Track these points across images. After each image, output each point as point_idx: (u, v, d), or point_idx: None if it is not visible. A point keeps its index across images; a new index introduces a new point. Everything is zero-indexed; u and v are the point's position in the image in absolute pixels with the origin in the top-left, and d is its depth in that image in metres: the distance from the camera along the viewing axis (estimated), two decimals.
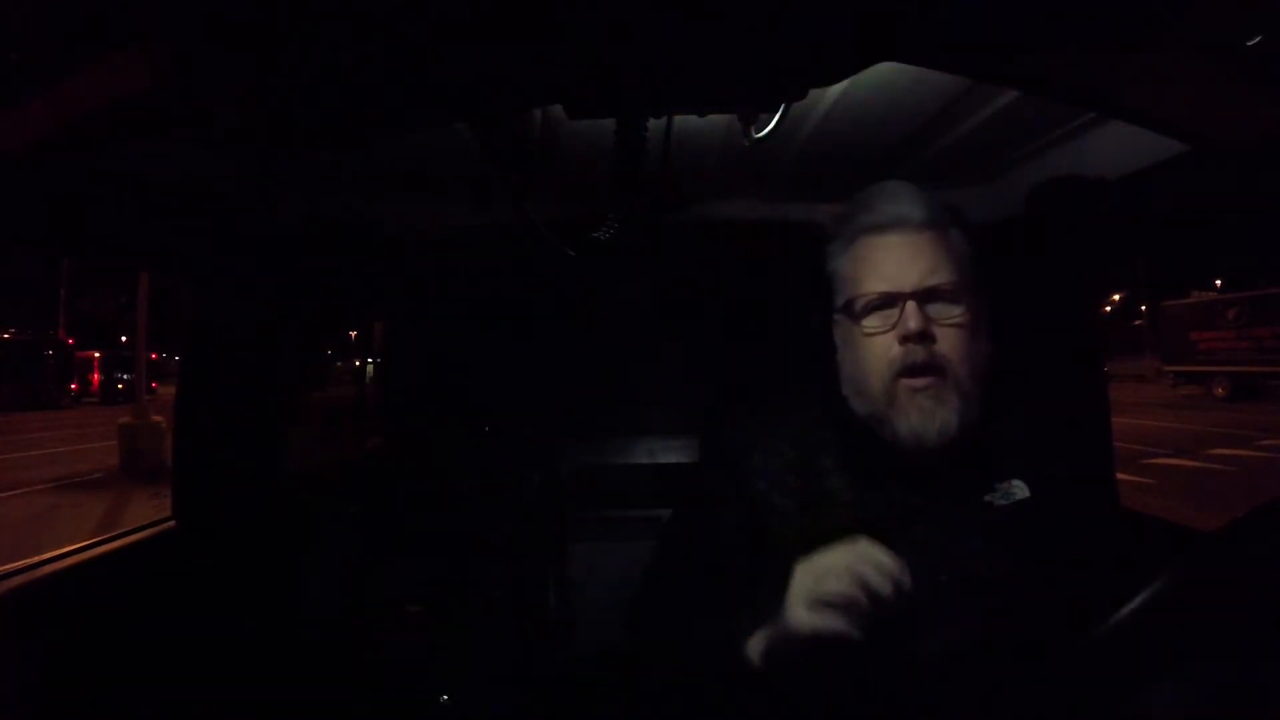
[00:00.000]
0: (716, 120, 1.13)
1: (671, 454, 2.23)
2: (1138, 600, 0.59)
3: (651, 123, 0.92)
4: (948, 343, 0.83)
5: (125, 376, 18.75)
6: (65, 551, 1.19)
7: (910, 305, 0.82)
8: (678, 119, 1.08)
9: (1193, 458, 8.43)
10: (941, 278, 0.84)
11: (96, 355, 21.43)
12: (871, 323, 0.85)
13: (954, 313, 0.83)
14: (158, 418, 9.20)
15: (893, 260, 0.85)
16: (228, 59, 0.68)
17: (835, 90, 1.06)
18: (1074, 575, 0.82)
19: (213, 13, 0.62)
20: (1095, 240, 1.36)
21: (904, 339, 0.82)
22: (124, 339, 22.12)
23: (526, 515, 2.02)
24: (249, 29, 0.64)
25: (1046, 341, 1.50)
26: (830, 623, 0.81)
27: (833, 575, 0.81)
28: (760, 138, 1.04)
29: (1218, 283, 21.00)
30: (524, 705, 1.71)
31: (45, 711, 1.01)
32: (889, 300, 0.84)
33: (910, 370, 0.82)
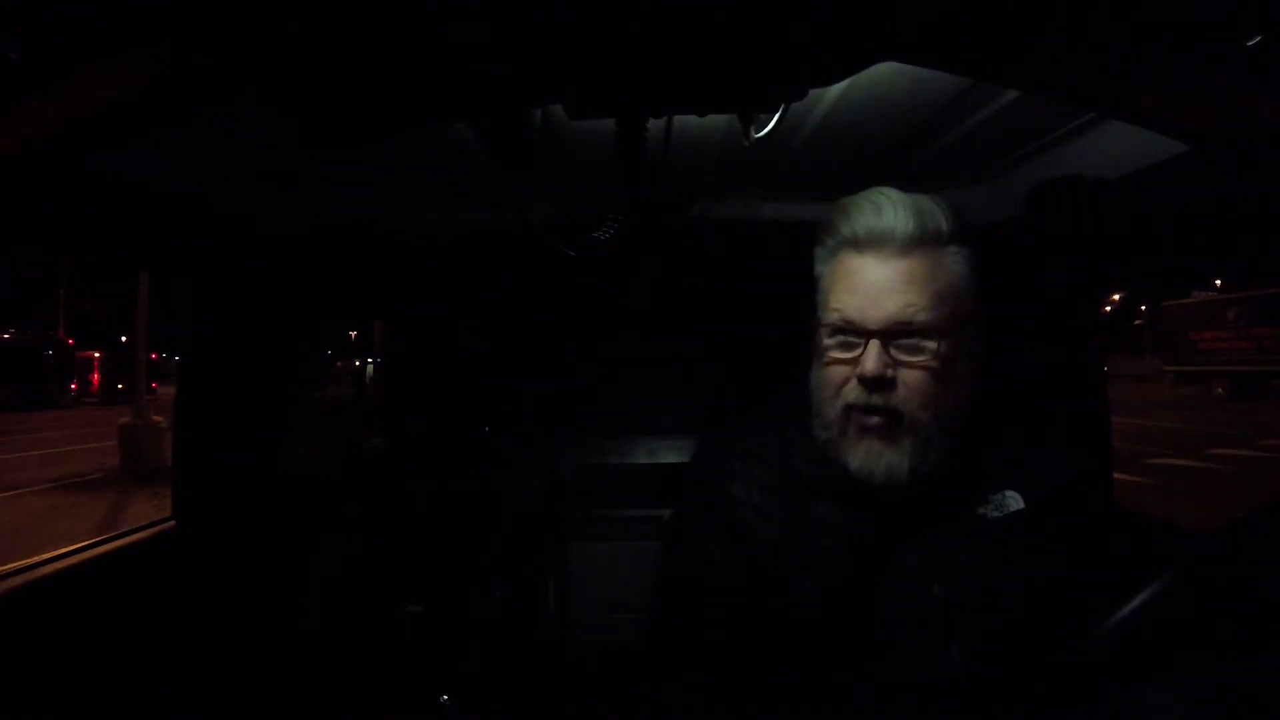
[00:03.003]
0: (716, 120, 1.12)
1: (671, 454, 2.24)
2: (1137, 600, 0.59)
3: (651, 123, 0.92)
4: (911, 385, 0.76)
5: (126, 377, 18.70)
6: (65, 551, 1.19)
7: (873, 345, 0.76)
8: (678, 119, 1.08)
9: (1193, 458, 8.43)
10: (918, 314, 0.75)
11: (96, 355, 21.40)
12: (834, 350, 0.80)
13: (927, 351, 0.76)
14: (158, 418, 9.20)
15: (863, 288, 0.77)
16: (228, 59, 0.68)
17: (835, 90, 1.06)
18: (1072, 578, 0.81)
19: (213, 13, 0.63)
20: (1095, 240, 1.36)
21: (859, 379, 0.77)
22: (124, 339, 22.12)
23: (526, 515, 2.02)
24: (249, 29, 0.64)
25: (1046, 342, 1.50)
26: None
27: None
28: (760, 138, 1.04)
29: (1218, 283, 21.00)
30: (524, 705, 1.71)
31: (45, 711, 1.01)
32: (853, 331, 0.78)
33: (863, 409, 0.78)
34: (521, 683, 1.76)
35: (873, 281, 0.77)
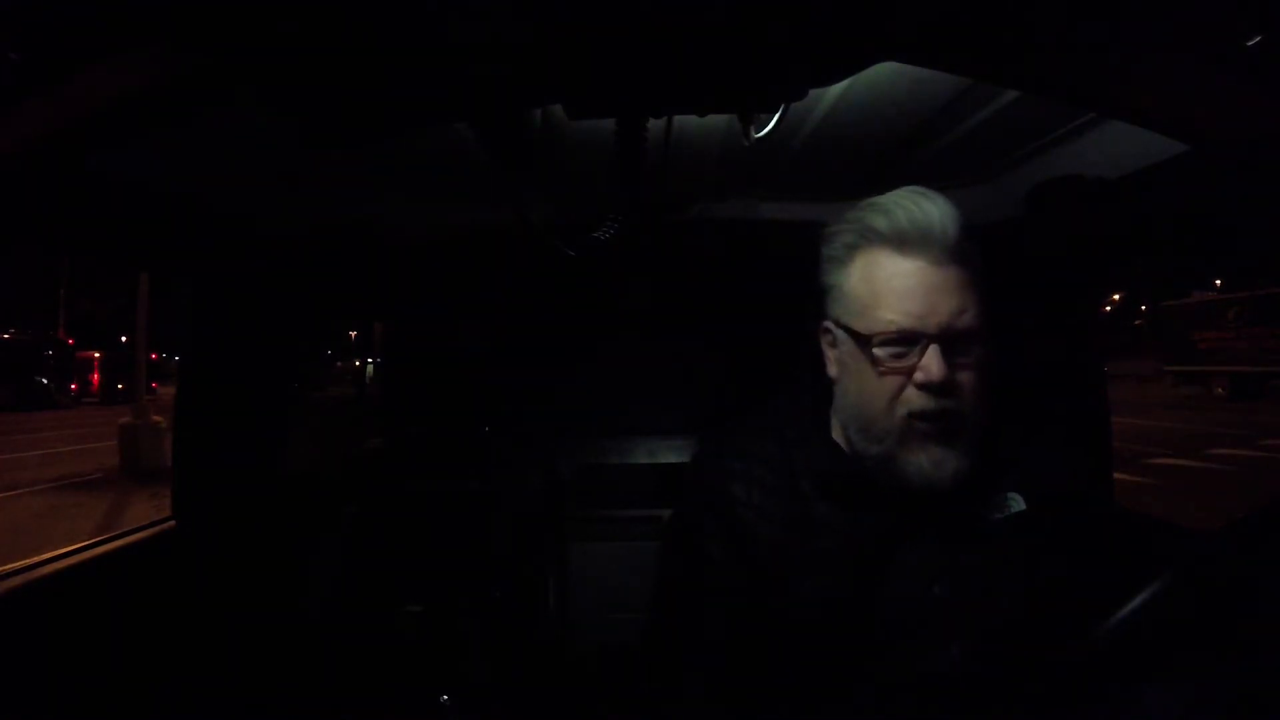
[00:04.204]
0: (716, 120, 1.12)
1: (671, 454, 2.24)
2: (1137, 600, 0.59)
3: (651, 123, 0.92)
4: (966, 385, 0.76)
5: (126, 377, 18.67)
6: (65, 551, 1.19)
7: (934, 350, 0.74)
8: (678, 119, 1.08)
9: (1194, 458, 8.42)
10: (968, 316, 0.75)
11: (96, 355, 21.39)
12: (886, 360, 0.77)
13: (975, 351, 0.76)
14: (158, 418, 9.20)
15: (917, 291, 0.75)
16: (228, 59, 0.68)
17: (835, 90, 1.06)
18: (1072, 578, 0.81)
19: (213, 13, 0.63)
20: (1095, 240, 1.36)
21: (923, 386, 0.75)
22: (124, 339, 22.12)
23: (526, 515, 2.02)
24: (250, 29, 0.64)
25: (1046, 342, 1.50)
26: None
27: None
28: (760, 138, 1.04)
29: (1218, 283, 21.00)
30: (524, 705, 1.71)
31: (45, 711, 1.01)
32: (908, 338, 0.76)
33: (926, 416, 0.76)
34: (521, 683, 1.76)
35: (926, 285, 0.76)
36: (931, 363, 0.75)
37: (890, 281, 0.77)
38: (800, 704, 0.83)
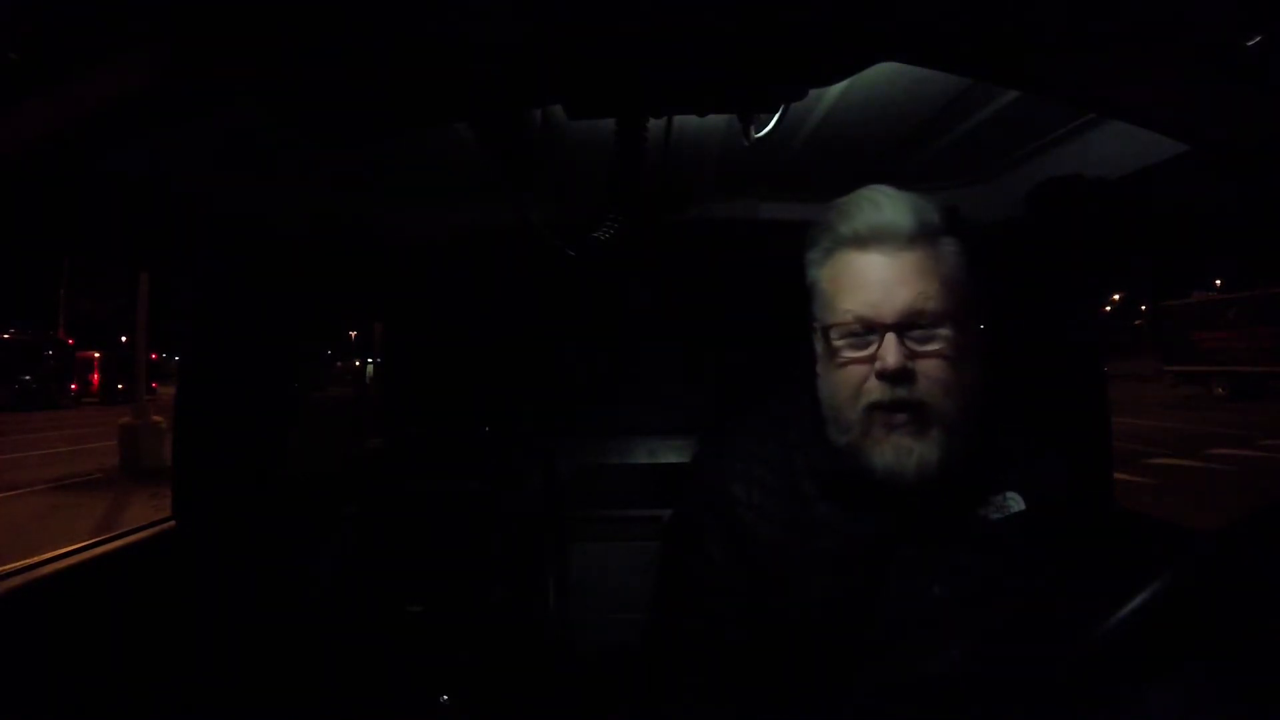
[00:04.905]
0: (716, 120, 1.13)
1: (671, 454, 2.24)
2: (1137, 601, 0.59)
3: (651, 123, 0.92)
4: (931, 375, 0.77)
5: (126, 377, 18.67)
6: (65, 551, 1.19)
7: (889, 338, 0.76)
8: (678, 119, 1.08)
9: (1194, 458, 8.42)
10: (929, 304, 0.77)
11: (96, 355, 21.41)
12: (846, 350, 0.79)
13: (941, 340, 0.77)
14: (158, 418, 9.21)
15: (874, 283, 0.78)
16: (228, 59, 0.68)
17: (835, 90, 1.06)
18: (1073, 578, 0.81)
19: (214, 12, 0.63)
20: (1095, 240, 1.36)
21: (880, 374, 0.77)
22: (124, 339, 22.10)
23: (526, 515, 2.02)
24: (250, 29, 0.64)
25: (1046, 342, 1.50)
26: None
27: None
28: (760, 138, 1.04)
29: (1218, 283, 21.01)
30: (524, 705, 1.71)
31: (45, 711, 1.01)
32: (866, 328, 0.78)
33: (885, 406, 0.77)
34: (521, 683, 1.76)
35: (882, 276, 0.78)
36: (887, 351, 0.76)
37: (849, 276, 0.80)
38: (801, 704, 0.83)
